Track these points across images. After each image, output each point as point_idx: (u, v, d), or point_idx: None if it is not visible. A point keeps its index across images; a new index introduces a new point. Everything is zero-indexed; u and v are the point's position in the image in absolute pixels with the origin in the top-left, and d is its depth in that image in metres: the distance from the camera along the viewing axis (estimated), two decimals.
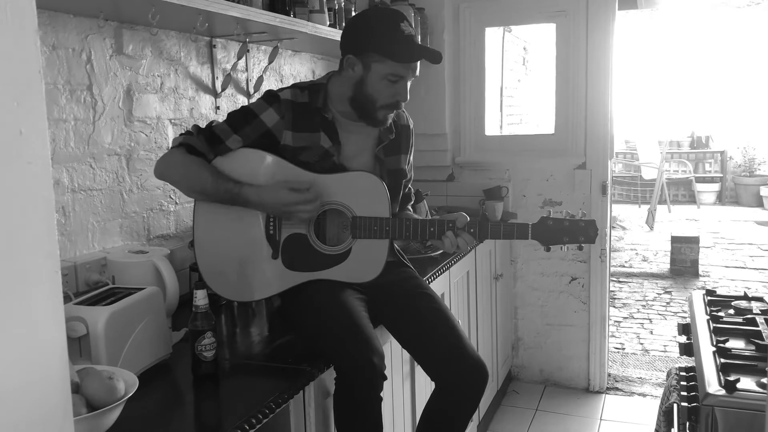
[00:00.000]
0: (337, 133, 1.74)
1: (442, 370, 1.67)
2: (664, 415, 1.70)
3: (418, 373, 2.11)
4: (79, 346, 1.33)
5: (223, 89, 2.28)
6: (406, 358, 2.04)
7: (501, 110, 4.73)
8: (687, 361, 2.03)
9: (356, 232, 1.69)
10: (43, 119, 0.60)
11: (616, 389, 3.50)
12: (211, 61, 2.24)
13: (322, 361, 1.50)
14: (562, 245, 1.71)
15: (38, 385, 0.60)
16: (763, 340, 1.64)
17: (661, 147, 9.38)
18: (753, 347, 1.62)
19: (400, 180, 1.87)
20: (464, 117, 3.48)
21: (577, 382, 3.49)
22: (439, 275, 2.29)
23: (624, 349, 4.23)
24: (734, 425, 1.36)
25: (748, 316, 1.83)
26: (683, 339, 1.91)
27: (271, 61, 2.44)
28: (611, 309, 4.72)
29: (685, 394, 1.62)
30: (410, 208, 1.99)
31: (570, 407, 3.29)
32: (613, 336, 4.41)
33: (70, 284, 1.68)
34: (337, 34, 2.30)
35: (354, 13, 2.59)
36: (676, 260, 6.00)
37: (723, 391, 1.39)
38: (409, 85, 1.72)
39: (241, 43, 2.31)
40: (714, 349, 1.61)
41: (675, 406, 1.63)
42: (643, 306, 5.19)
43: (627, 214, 8.85)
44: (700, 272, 5.97)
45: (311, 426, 1.50)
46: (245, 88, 2.41)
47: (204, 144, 1.68)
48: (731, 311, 1.91)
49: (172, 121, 2.09)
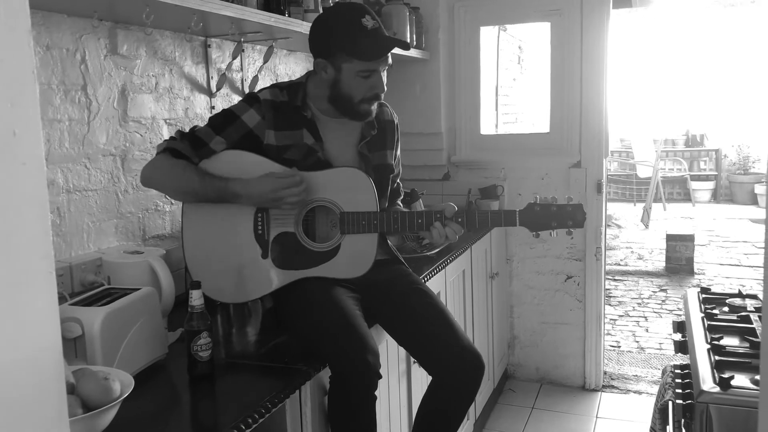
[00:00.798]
0: (318, 131, 1.75)
1: (439, 363, 1.67)
2: (660, 412, 1.71)
3: (414, 371, 2.11)
4: (75, 347, 1.33)
5: (218, 89, 2.27)
6: (402, 357, 2.05)
7: (496, 109, 4.73)
8: (682, 359, 2.04)
9: (345, 227, 1.70)
10: (38, 120, 0.60)
11: (612, 387, 3.51)
12: (206, 61, 2.24)
13: (318, 361, 1.50)
14: (551, 231, 1.72)
15: (34, 386, 0.60)
16: (757, 337, 1.65)
17: (656, 145, 9.42)
18: (747, 344, 1.63)
19: (387, 175, 1.87)
20: (459, 116, 3.49)
21: (573, 380, 3.50)
22: (435, 274, 2.30)
23: (620, 347, 4.24)
24: (729, 422, 1.37)
25: (743, 314, 1.83)
26: (678, 337, 1.91)
27: (266, 61, 2.44)
28: (607, 307, 4.73)
29: (680, 391, 1.63)
30: (399, 203, 1.99)
31: (566, 405, 3.30)
32: (608, 334, 4.42)
33: (66, 285, 1.68)
34: None
35: None
36: (672, 258, 6.02)
37: (717, 388, 1.39)
38: (385, 75, 1.72)
39: (236, 43, 2.31)
40: (708, 346, 1.61)
41: (670, 403, 1.64)
42: (639, 304, 5.20)
43: (622, 213, 8.87)
44: (696, 270, 5.99)
45: (308, 425, 1.50)
46: (240, 87, 2.41)
47: (188, 148, 1.69)
48: (726, 309, 1.92)
49: (167, 121, 2.09)
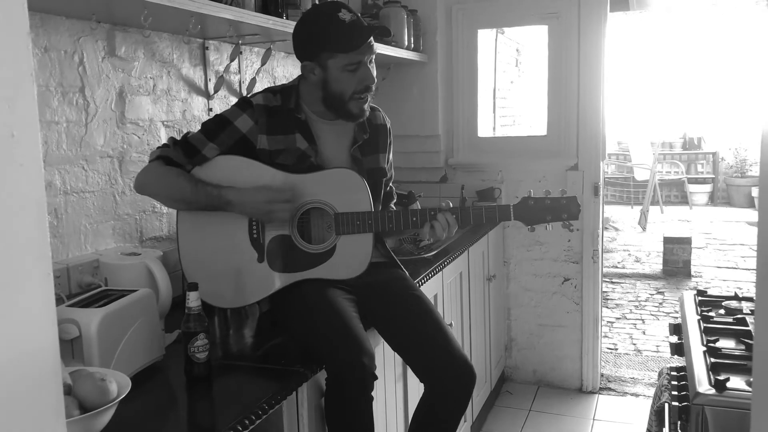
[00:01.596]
0: (312, 133, 1.75)
1: (431, 372, 1.67)
2: (656, 414, 1.71)
3: (410, 374, 2.11)
4: (72, 348, 1.33)
5: (216, 91, 2.28)
6: (399, 360, 2.05)
7: (494, 111, 4.74)
8: (678, 361, 2.04)
9: (340, 228, 1.70)
10: (36, 122, 0.60)
11: (609, 389, 3.52)
12: (204, 63, 2.24)
13: (314, 363, 1.50)
14: (546, 224, 1.73)
15: (31, 386, 0.60)
16: (752, 339, 1.65)
17: (653, 148, 9.44)
18: (743, 347, 1.64)
19: (380, 179, 1.88)
20: (457, 118, 3.49)
21: (570, 383, 3.50)
22: (432, 276, 2.30)
23: (617, 350, 4.25)
24: (724, 424, 1.37)
25: (739, 316, 1.84)
26: (674, 339, 1.92)
27: (263, 63, 2.44)
28: (604, 309, 4.73)
29: (675, 393, 1.63)
30: (393, 207, 2.00)
31: (563, 407, 3.30)
32: (605, 336, 4.42)
33: (63, 286, 1.68)
34: None
35: None
36: (669, 261, 6.03)
37: (713, 391, 1.40)
38: (372, 67, 1.73)
39: (234, 45, 2.31)
40: (704, 348, 1.62)
41: (666, 405, 1.65)
42: (636, 306, 5.21)
43: (619, 215, 8.88)
44: (693, 273, 6.00)
45: (304, 427, 1.50)
46: (238, 90, 2.41)
47: (181, 155, 1.69)
48: (722, 311, 1.92)
49: (165, 123, 2.09)
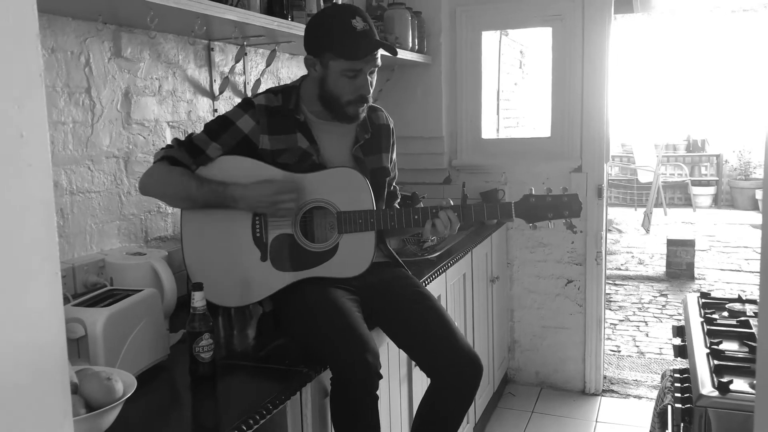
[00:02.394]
0: (312, 134, 1.76)
1: (437, 365, 1.68)
2: (659, 416, 1.71)
3: (416, 375, 2.12)
4: (78, 348, 1.33)
5: (221, 92, 2.29)
6: (404, 361, 2.05)
7: (497, 113, 4.75)
8: (681, 363, 2.04)
9: (342, 226, 1.71)
10: (44, 122, 0.61)
11: (612, 391, 3.51)
12: (209, 64, 2.25)
13: (318, 363, 1.51)
14: (548, 221, 1.73)
15: (38, 385, 0.61)
16: (756, 342, 1.65)
17: (657, 150, 9.42)
18: (746, 349, 1.64)
19: (383, 178, 1.89)
20: (461, 120, 3.50)
21: (573, 385, 3.50)
22: (436, 277, 2.30)
23: (620, 352, 4.24)
24: (727, 426, 1.37)
25: (742, 319, 1.84)
26: (678, 341, 1.92)
27: (268, 65, 2.45)
28: (607, 312, 4.74)
29: (679, 395, 1.64)
30: (396, 206, 2.00)
31: (566, 409, 3.30)
32: (608, 338, 4.42)
33: (69, 286, 1.69)
34: None
35: None
36: (672, 263, 6.02)
37: (716, 393, 1.40)
38: (372, 78, 1.74)
39: (239, 47, 2.32)
40: (708, 351, 1.62)
41: (669, 407, 1.64)
42: (639, 309, 5.20)
43: (623, 217, 8.87)
44: (696, 275, 5.99)
45: (308, 427, 1.51)
46: (243, 91, 2.42)
47: (185, 155, 1.71)
48: (725, 313, 1.92)
49: (170, 124, 2.10)
